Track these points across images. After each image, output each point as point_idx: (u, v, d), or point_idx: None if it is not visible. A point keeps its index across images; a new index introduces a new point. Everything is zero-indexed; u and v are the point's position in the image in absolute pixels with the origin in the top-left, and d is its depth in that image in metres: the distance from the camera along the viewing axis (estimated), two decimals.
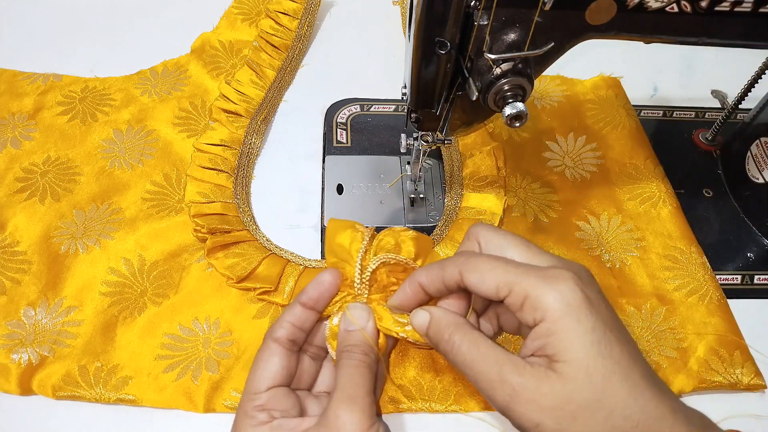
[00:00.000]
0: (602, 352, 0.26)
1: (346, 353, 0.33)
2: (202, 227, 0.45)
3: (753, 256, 0.49)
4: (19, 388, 0.39)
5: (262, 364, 0.33)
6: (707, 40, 0.35)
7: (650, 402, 0.26)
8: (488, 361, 0.28)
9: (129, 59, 0.58)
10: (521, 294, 0.27)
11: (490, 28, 0.32)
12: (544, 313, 0.26)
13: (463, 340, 0.30)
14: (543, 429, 0.26)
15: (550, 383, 0.26)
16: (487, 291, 0.29)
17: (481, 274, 0.29)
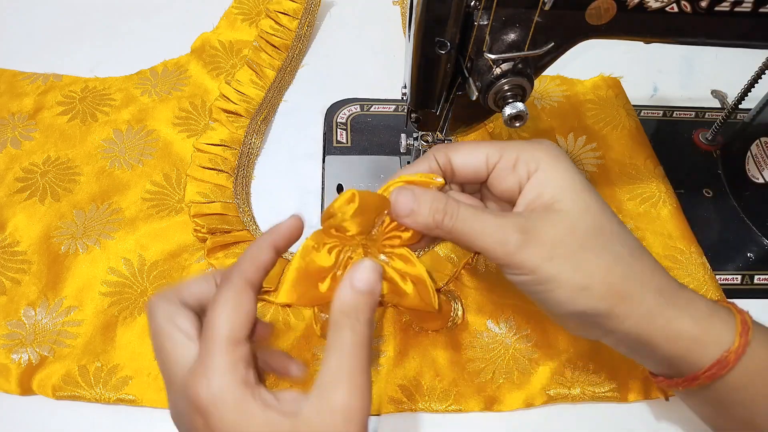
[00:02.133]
0: (593, 191, 0.29)
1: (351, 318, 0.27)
2: (202, 227, 0.45)
3: (753, 256, 0.49)
4: (19, 388, 0.39)
5: (240, 307, 0.26)
6: (707, 40, 0.35)
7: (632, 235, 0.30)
8: (491, 216, 0.28)
9: (129, 59, 0.58)
10: (513, 155, 0.29)
11: (490, 28, 0.32)
12: (538, 163, 0.29)
13: (458, 209, 0.28)
14: (554, 261, 0.27)
15: (554, 219, 0.28)
16: (477, 162, 0.30)
17: (468, 149, 0.30)
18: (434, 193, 0.29)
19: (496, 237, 0.27)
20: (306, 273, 0.29)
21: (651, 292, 0.28)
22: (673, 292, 0.29)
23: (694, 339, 0.28)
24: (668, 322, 0.28)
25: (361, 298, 0.27)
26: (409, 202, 0.28)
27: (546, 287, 0.27)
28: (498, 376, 0.41)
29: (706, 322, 0.28)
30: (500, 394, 0.40)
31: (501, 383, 0.41)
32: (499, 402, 0.40)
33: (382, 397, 0.40)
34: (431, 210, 0.28)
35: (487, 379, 0.41)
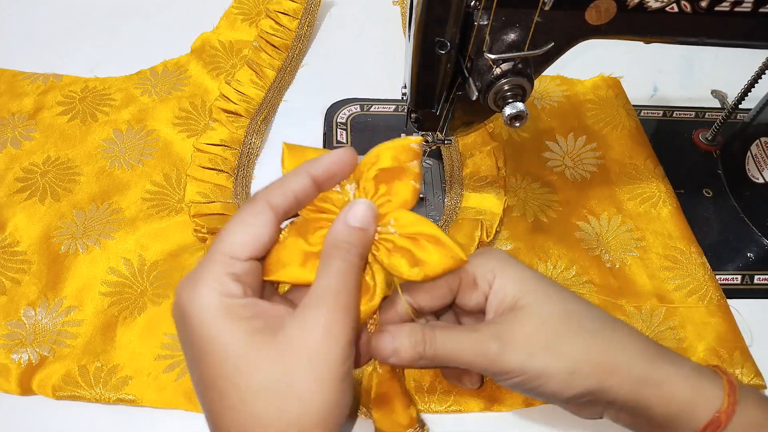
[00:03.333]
0: (550, 282, 0.30)
1: (342, 250, 0.27)
2: (202, 227, 0.45)
3: (753, 256, 0.49)
4: (19, 388, 0.39)
5: (249, 227, 0.26)
6: (707, 40, 0.35)
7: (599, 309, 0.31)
8: (466, 333, 0.29)
9: (129, 59, 0.58)
10: (469, 274, 0.30)
11: (490, 28, 0.32)
12: (493, 272, 0.30)
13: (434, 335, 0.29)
14: (537, 359, 0.28)
15: (521, 317, 0.29)
16: (441, 295, 0.30)
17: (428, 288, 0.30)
18: (410, 327, 0.29)
19: (475, 351, 0.28)
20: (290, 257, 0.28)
21: (636, 358, 0.29)
22: (658, 353, 0.29)
23: (687, 400, 0.28)
24: (660, 384, 0.29)
25: (355, 233, 0.27)
26: (389, 342, 0.29)
27: (538, 383, 0.28)
28: None
29: (696, 382, 0.29)
30: (500, 394, 0.40)
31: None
32: (499, 402, 0.40)
33: None
34: (411, 343, 0.29)
35: (487, 379, 0.41)
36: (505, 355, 0.28)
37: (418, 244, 0.28)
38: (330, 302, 0.25)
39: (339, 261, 0.26)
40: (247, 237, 0.26)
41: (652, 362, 0.29)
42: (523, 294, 0.29)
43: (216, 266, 0.25)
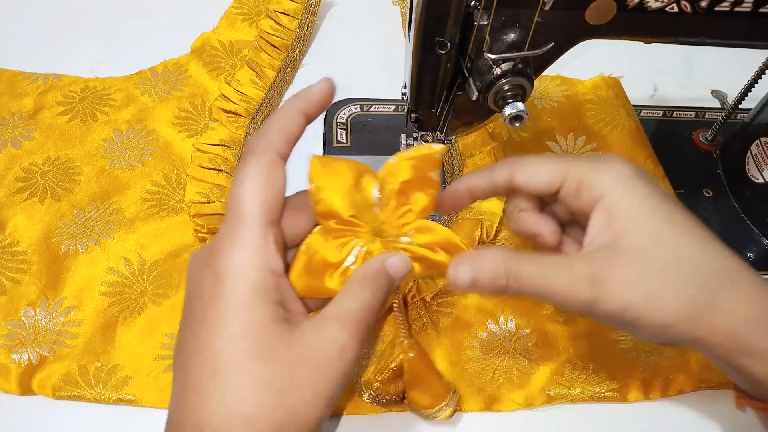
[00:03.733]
0: (665, 216, 0.26)
1: (375, 285, 0.27)
2: (202, 227, 0.45)
3: (753, 256, 0.49)
4: (19, 388, 0.39)
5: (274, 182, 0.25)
6: (707, 40, 0.35)
7: (724, 255, 0.26)
8: (557, 270, 0.26)
9: (129, 59, 0.58)
10: (575, 179, 0.27)
11: (490, 28, 0.32)
12: (601, 191, 0.26)
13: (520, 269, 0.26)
14: (632, 308, 0.25)
15: (623, 261, 0.25)
16: (539, 185, 0.28)
17: (532, 169, 0.28)
18: (492, 257, 0.27)
19: (566, 294, 0.26)
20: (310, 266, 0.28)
21: (745, 325, 0.25)
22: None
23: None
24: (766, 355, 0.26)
25: (388, 277, 0.28)
26: (467, 274, 0.27)
27: (630, 327, 0.26)
28: (498, 376, 0.41)
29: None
30: (500, 394, 0.40)
31: (501, 383, 0.41)
32: (499, 402, 0.40)
33: None
34: (490, 278, 0.26)
35: (487, 379, 0.41)
36: (598, 305, 0.25)
37: (433, 250, 0.29)
38: (352, 327, 0.26)
39: (369, 293, 0.27)
40: (276, 194, 0.25)
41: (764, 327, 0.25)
42: (630, 231, 0.26)
43: (258, 232, 0.25)
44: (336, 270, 0.29)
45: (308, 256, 0.28)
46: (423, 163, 0.29)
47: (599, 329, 0.43)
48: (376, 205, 0.29)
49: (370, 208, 0.29)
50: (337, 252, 0.28)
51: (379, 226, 0.29)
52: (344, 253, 0.29)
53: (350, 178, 0.28)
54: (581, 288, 0.25)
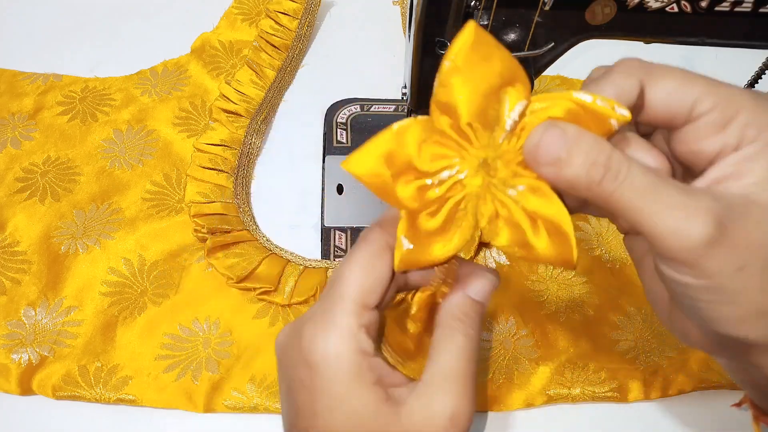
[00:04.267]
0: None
1: (463, 324, 0.25)
2: (202, 227, 0.45)
3: None
4: (19, 388, 0.39)
5: (375, 272, 0.24)
6: (707, 40, 0.35)
7: None
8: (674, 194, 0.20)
9: (129, 59, 0.58)
10: (731, 108, 0.21)
11: (490, 28, 0.32)
12: (759, 131, 0.20)
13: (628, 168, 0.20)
14: (744, 275, 0.20)
15: (757, 216, 0.20)
16: (681, 104, 0.21)
17: (677, 83, 0.21)
18: (595, 139, 0.20)
19: (678, 224, 0.19)
20: (391, 155, 0.23)
21: None
22: None
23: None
24: None
25: (476, 306, 0.25)
26: (558, 145, 0.20)
27: (716, 299, 0.21)
28: (498, 376, 0.41)
29: None
30: (500, 394, 0.40)
31: (501, 383, 0.41)
32: (499, 402, 0.40)
33: None
34: (586, 161, 0.20)
35: (487, 379, 0.41)
36: (712, 250, 0.19)
37: (535, 228, 0.22)
38: (457, 388, 0.24)
39: (461, 336, 0.25)
40: (374, 282, 0.24)
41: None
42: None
43: (351, 318, 0.24)
44: (415, 180, 0.23)
45: (396, 142, 0.23)
46: (590, 118, 0.21)
47: (599, 329, 0.43)
48: (505, 132, 0.22)
49: (496, 130, 0.22)
50: (429, 160, 0.23)
51: (493, 158, 0.22)
52: (434, 166, 0.23)
53: (498, 77, 0.21)
54: (700, 222, 0.19)
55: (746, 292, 0.20)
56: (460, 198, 0.23)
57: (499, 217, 0.23)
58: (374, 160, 0.23)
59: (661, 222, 0.19)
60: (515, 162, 0.22)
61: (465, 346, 0.24)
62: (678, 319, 0.24)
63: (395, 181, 0.23)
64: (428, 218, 0.23)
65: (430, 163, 0.23)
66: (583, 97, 0.21)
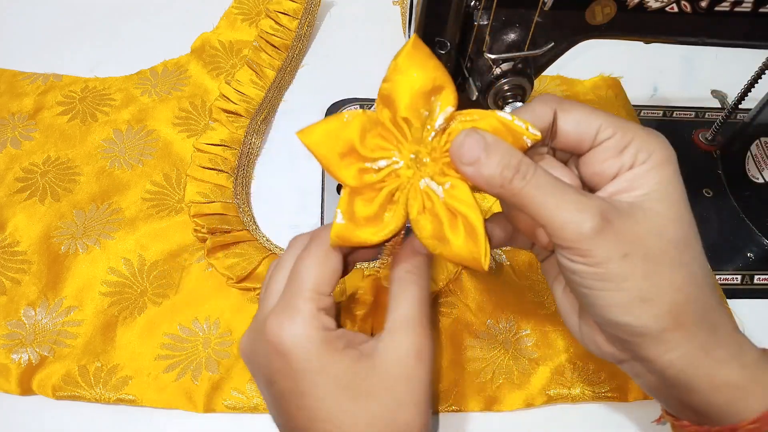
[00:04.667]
0: (688, 205, 0.25)
1: (415, 275, 0.28)
2: (202, 227, 0.45)
3: (753, 256, 0.49)
4: (19, 388, 0.39)
5: (327, 264, 0.28)
6: (707, 40, 0.35)
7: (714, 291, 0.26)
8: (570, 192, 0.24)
9: (129, 59, 0.58)
10: (627, 138, 0.25)
11: (490, 28, 0.32)
12: (649, 154, 0.25)
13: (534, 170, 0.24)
14: (628, 262, 0.23)
15: (640, 216, 0.24)
16: (587, 131, 0.25)
17: (583, 113, 0.26)
18: (509, 146, 0.24)
19: (571, 215, 0.23)
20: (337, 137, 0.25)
21: (706, 328, 0.25)
22: (727, 334, 0.26)
23: (740, 387, 0.25)
24: (714, 365, 0.25)
25: (422, 258, 0.29)
26: (478, 148, 0.24)
27: (605, 285, 0.24)
28: (498, 376, 0.41)
29: (755, 370, 0.25)
30: (500, 394, 0.40)
31: (501, 383, 0.41)
32: (499, 402, 0.40)
33: None
34: (501, 163, 0.24)
35: (487, 379, 0.41)
36: (599, 237, 0.23)
37: (454, 223, 0.25)
38: (417, 329, 0.27)
39: (414, 287, 0.28)
40: (328, 273, 0.28)
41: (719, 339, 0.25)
42: (657, 198, 0.24)
43: (309, 303, 0.27)
44: (355, 162, 0.26)
45: (343, 126, 0.25)
46: (508, 134, 0.25)
47: None
48: (434, 131, 0.25)
49: (426, 128, 0.26)
50: (370, 149, 0.26)
51: (423, 155, 0.26)
52: (374, 155, 0.26)
53: (430, 81, 0.25)
54: (590, 214, 0.23)
55: (631, 278, 0.24)
56: (393, 188, 0.26)
57: (425, 210, 0.26)
58: (323, 134, 0.25)
59: (558, 214, 0.24)
60: (442, 161, 0.25)
61: (418, 293, 0.28)
62: (587, 330, 0.28)
63: (341, 160, 0.26)
64: (364, 204, 0.26)
65: (371, 151, 0.26)
66: (504, 116, 0.25)
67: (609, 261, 0.23)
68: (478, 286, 0.45)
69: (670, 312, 0.24)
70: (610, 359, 0.28)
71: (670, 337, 0.24)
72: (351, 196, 0.26)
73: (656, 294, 0.24)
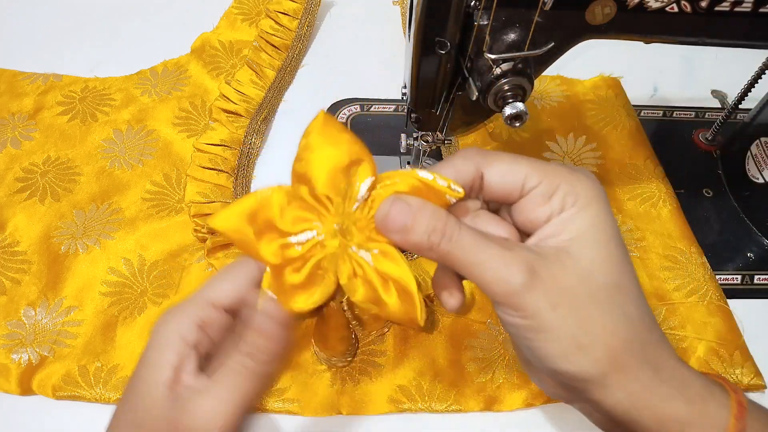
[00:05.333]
0: (621, 244, 0.26)
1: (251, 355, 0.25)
2: (202, 227, 0.45)
3: (753, 256, 0.49)
4: (19, 388, 0.39)
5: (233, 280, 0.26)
6: (707, 40, 0.35)
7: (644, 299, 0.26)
8: (496, 250, 0.24)
9: (129, 59, 0.58)
10: (554, 184, 0.25)
11: (490, 28, 0.32)
12: (576, 199, 0.25)
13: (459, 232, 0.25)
14: (558, 313, 0.24)
15: (567, 263, 0.24)
16: (513, 183, 0.26)
17: (507, 166, 0.26)
18: (434, 209, 0.25)
19: (499, 273, 0.24)
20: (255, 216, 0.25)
21: (648, 367, 0.25)
22: (671, 371, 0.26)
23: (687, 423, 0.25)
24: (660, 403, 0.25)
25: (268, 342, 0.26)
26: (404, 216, 0.24)
27: (540, 336, 0.24)
28: (498, 376, 0.41)
29: (701, 404, 0.25)
30: (500, 394, 0.40)
31: (501, 383, 0.41)
32: (499, 402, 0.40)
33: (382, 397, 0.40)
34: (428, 229, 0.24)
35: (487, 379, 0.41)
36: (527, 292, 0.24)
37: (386, 287, 0.25)
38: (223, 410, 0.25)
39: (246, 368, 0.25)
40: (229, 289, 0.26)
41: (663, 377, 0.25)
42: (584, 242, 0.25)
43: (194, 307, 0.26)
44: (276, 238, 0.25)
45: (259, 205, 0.25)
46: (430, 193, 0.25)
47: None
48: (357, 202, 0.25)
49: (348, 200, 0.25)
50: (290, 223, 0.25)
51: (348, 225, 0.25)
52: (297, 228, 0.25)
53: (346, 157, 0.25)
54: (516, 270, 0.24)
55: (563, 327, 0.24)
56: (320, 258, 0.25)
57: (356, 276, 0.25)
58: (237, 218, 0.25)
59: (486, 272, 0.24)
60: (369, 228, 0.25)
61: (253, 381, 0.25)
62: (538, 376, 0.28)
63: (258, 239, 0.25)
64: (293, 273, 0.25)
65: (291, 225, 0.25)
66: (425, 175, 0.25)
67: (540, 313, 0.24)
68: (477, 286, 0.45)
69: (608, 356, 0.24)
70: (563, 400, 0.28)
71: (612, 380, 0.24)
72: (275, 272, 0.25)
73: (590, 341, 0.24)
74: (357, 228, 0.25)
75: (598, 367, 0.24)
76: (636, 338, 0.25)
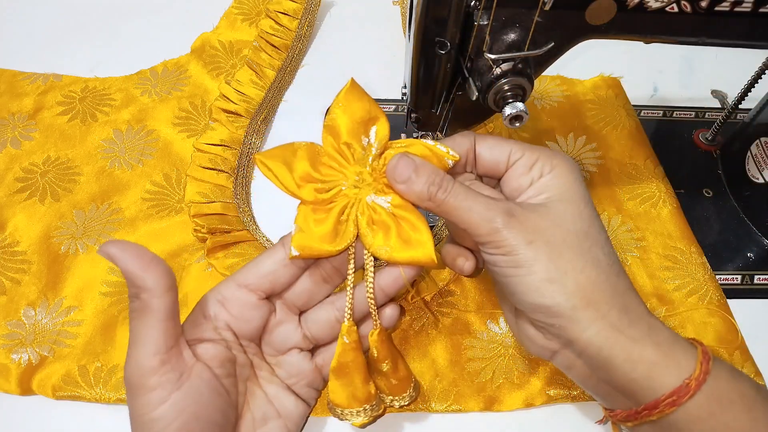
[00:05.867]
0: (591, 206, 0.30)
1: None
2: (202, 227, 0.45)
3: (753, 256, 0.49)
4: (19, 388, 0.39)
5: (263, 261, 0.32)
6: (707, 40, 0.35)
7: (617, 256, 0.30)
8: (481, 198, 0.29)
9: (129, 59, 0.58)
10: (533, 156, 0.30)
11: (490, 28, 0.32)
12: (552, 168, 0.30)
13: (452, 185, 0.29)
14: (533, 247, 0.28)
15: (542, 211, 0.29)
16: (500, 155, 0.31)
17: (495, 141, 0.31)
18: (434, 167, 0.30)
19: (483, 215, 0.28)
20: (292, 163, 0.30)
21: (617, 308, 0.28)
22: (639, 315, 0.28)
23: (655, 363, 0.27)
24: (629, 343, 0.27)
25: None
26: (409, 169, 0.29)
27: (518, 271, 0.28)
28: (498, 376, 0.41)
29: (668, 348, 0.27)
30: (500, 394, 0.40)
31: (501, 383, 0.41)
32: (499, 402, 0.40)
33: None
34: (428, 181, 0.29)
35: (487, 379, 0.41)
36: (506, 229, 0.28)
37: (400, 228, 0.30)
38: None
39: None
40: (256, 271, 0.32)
41: (631, 319, 0.28)
42: (559, 200, 0.29)
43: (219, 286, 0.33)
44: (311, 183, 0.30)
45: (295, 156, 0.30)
46: (433, 157, 0.30)
47: None
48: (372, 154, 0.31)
49: (366, 151, 0.31)
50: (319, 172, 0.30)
51: (365, 176, 0.31)
52: (324, 177, 0.30)
53: (366, 113, 0.30)
54: (498, 212, 0.28)
55: (537, 262, 0.27)
56: (343, 205, 0.30)
57: (374, 222, 0.30)
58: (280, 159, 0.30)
59: (473, 215, 0.28)
60: (382, 181, 0.30)
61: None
62: (522, 326, 0.31)
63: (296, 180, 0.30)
64: (318, 224, 0.29)
65: (321, 175, 0.31)
66: (429, 142, 0.30)
67: (517, 248, 0.28)
68: (478, 286, 0.45)
69: (577, 291, 0.27)
70: (545, 354, 0.30)
71: (583, 315, 0.27)
72: (306, 213, 0.30)
73: (561, 275, 0.27)
74: (373, 178, 0.30)
75: (569, 299, 0.27)
76: (605, 280, 0.28)
